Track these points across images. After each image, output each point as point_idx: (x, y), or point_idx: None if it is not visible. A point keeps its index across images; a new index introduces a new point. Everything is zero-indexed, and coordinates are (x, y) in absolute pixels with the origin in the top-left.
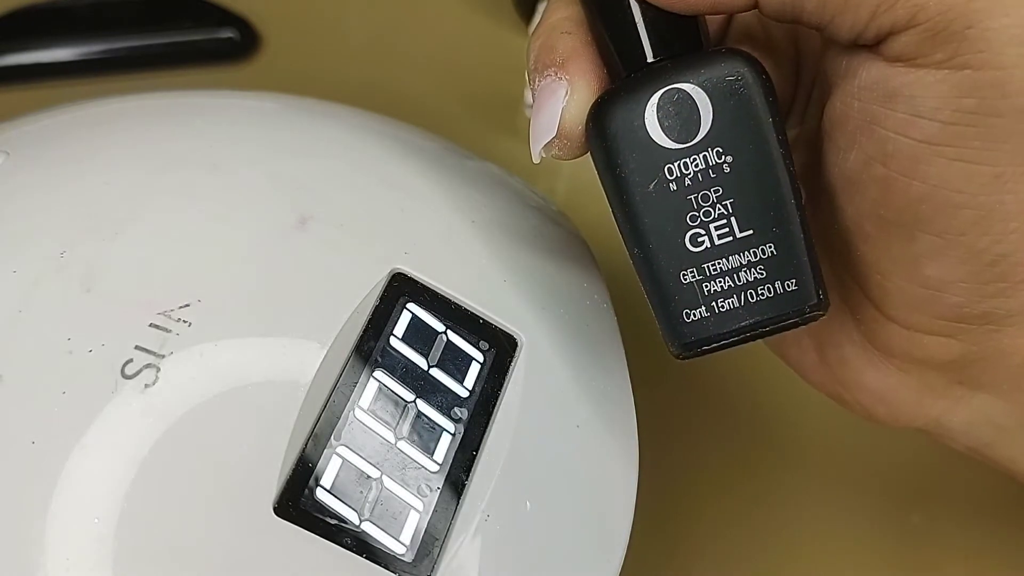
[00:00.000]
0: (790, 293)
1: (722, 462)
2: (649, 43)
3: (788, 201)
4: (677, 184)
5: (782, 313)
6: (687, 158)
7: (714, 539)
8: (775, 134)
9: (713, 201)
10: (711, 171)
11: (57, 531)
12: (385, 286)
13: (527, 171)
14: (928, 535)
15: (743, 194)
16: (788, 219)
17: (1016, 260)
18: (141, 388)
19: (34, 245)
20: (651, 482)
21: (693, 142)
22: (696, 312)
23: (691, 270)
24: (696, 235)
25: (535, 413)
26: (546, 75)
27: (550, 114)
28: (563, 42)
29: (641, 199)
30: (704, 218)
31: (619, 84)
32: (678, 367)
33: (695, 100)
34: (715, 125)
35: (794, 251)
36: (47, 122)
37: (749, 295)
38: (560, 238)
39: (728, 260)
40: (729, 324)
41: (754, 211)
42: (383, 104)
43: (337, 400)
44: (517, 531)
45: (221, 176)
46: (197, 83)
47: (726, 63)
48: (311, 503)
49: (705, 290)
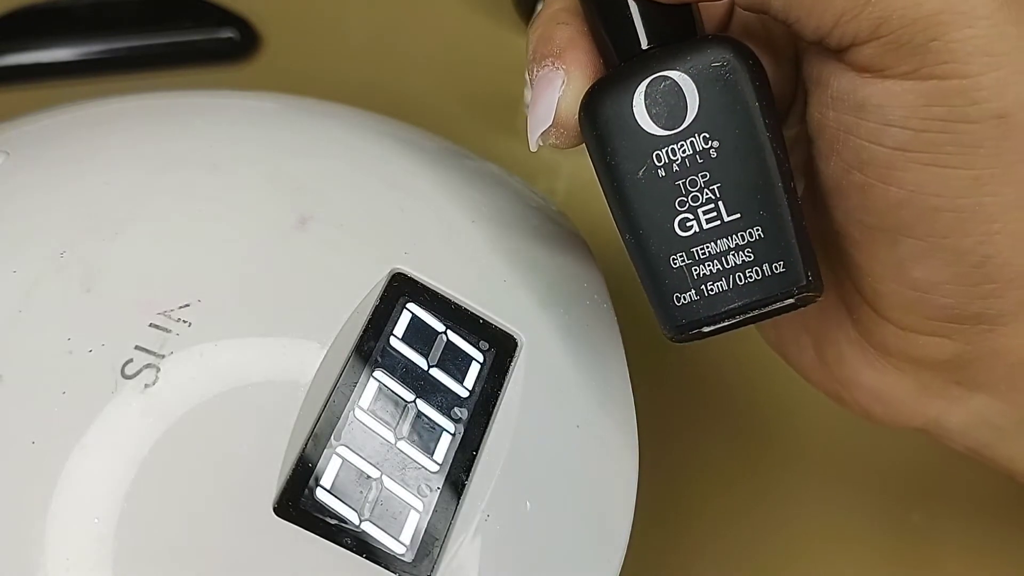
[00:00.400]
0: (778, 275)
1: (722, 461)
2: (643, 31)
3: (775, 184)
4: (665, 170)
5: (770, 295)
6: (674, 144)
7: (714, 538)
8: (762, 119)
9: (701, 186)
10: (698, 156)
11: (57, 531)
12: (385, 286)
13: (527, 171)
14: (928, 533)
15: (730, 178)
16: (775, 202)
17: (1002, 261)
18: (141, 388)
19: (34, 245)
20: (651, 481)
21: (680, 128)
22: (686, 295)
23: (680, 254)
24: (685, 220)
25: (535, 413)
26: (543, 65)
27: (547, 103)
28: (560, 32)
29: (631, 185)
30: (692, 203)
31: (609, 73)
32: (678, 366)
33: (681, 87)
34: (701, 111)
35: (782, 234)
36: (47, 122)
37: (737, 278)
38: (560, 238)
39: (716, 244)
40: (718, 307)
41: (741, 195)
42: (383, 104)
43: (337, 400)
44: (517, 531)
45: (221, 176)
46: (197, 83)
47: (712, 49)
48: (311, 503)
49: (694, 273)
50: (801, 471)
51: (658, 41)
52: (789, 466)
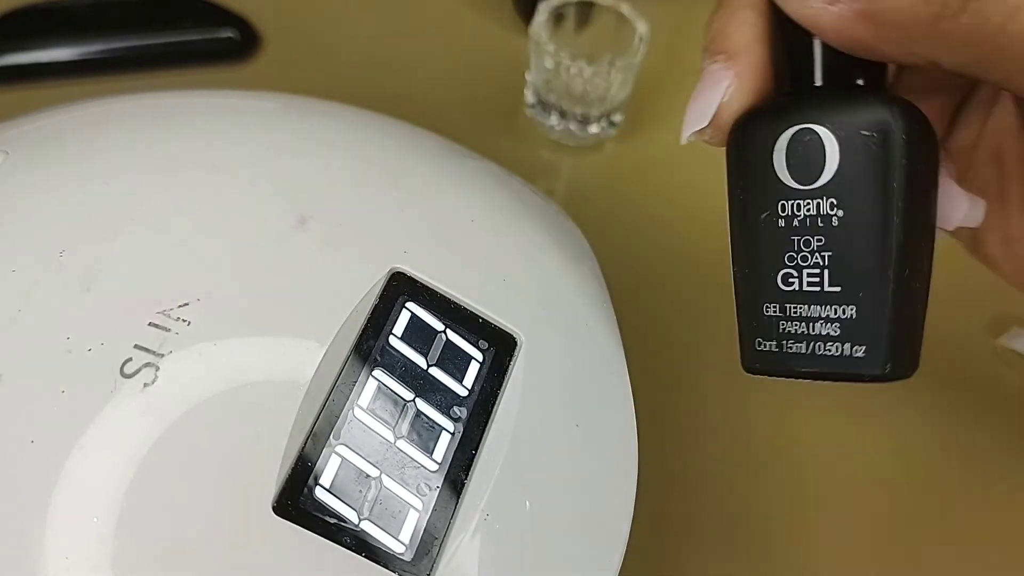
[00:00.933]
0: (856, 359)
1: (722, 461)
2: (819, 65)
3: (886, 272)
4: (786, 222)
5: (843, 373)
6: (801, 200)
7: (714, 538)
8: (900, 201)
9: (813, 248)
10: (819, 220)
11: (56, 530)
12: (384, 285)
13: (527, 171)
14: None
15: (842, 252)
16: (879, 289)
17: None
18: (140, 387)
19: (34, 245)
20: (651, 482)
21: (811, 186)
22: (767, 344)
23: (775, 305)
24: (788, 275)
25: (534, 412)
26: (715, 60)
27: (708, 102)
28: (740, 32)
29: (751, 225)
30: (801, 262)
31: (767, 105)
32: (678, 366)
33: (825, 145)
34: (837, 176)
35: (874, 321)
36: (47, 122)
37: (817, 347)
38: (560, 238)
39: (809, 308)
40: (791, 365)
41: (848, 271)
42: (383, 104)
43: (336, 399)
44: (516, 530)
45: (221, 176)
46: (197, 83)
47: (872, 114)
48: (310, 502)
49: (781, 327)
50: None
51: (831, 81)
52: (789, 466)
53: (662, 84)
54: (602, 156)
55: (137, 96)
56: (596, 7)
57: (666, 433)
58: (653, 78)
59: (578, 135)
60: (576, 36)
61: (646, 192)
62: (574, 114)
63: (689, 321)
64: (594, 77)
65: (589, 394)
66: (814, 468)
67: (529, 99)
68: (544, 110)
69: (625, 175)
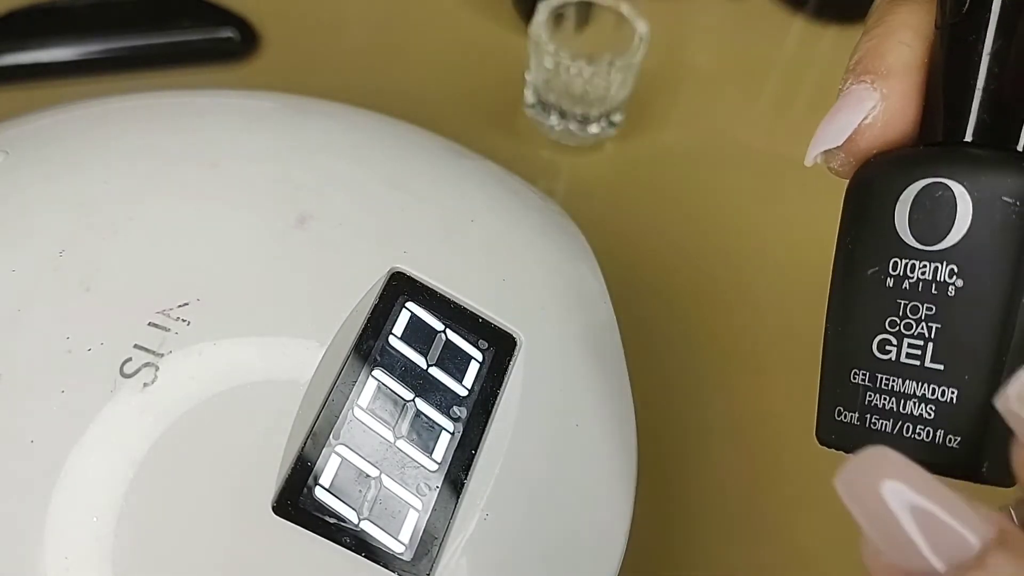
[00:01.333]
0: (948, 449)
1: (722, 461)
2: (975, 116)
3: (999, 357)
4: (895, 282)
5: (931, 463)
6: (917, 261)
7: (714, 538)
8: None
9: (920, 317)
10: (934, 286)
11: (56, 530)
12: (384, 285)
13: (527, 171)
14: None
15: (954, 326)
16: (988, 375)
17: None
18: (140, 387)
19: (34, 244)
20: (651, 482)
21: (931, 247)
22: (848, 415)
23: (864, 373)
24: (886, 341)
25: (534, 412)
26: (862, 80)
27: (845, 123)
28: (896, 53)
29: (856, 277)
30: (904, 329)
31: (901, 151)
32: (678, 366)
33: (957, 205)
34: (964, 241)
35: (975, 410)
36: (47, 122)
37: (906, 428)
38: (560, 238)
39: (904, 383)
40: (872, 443)
41: (956, 348)
42: (383, 104)
43: (336, 399)
44: (516, 530)
45: (220, 175)
46: (197, 83)
47: (1020, 181)
48: (310, 502)
49: (867, 399)
50: (802, 472)
51: (982, 137)
52: (790, 466)
53: (662, 84)
54: (602, 156)
55: (137, 96)
56: (596, 7)
57: (666, 432)
58: (653, 78)
59: (578, 135)
60: (576, 36)
61: (646, 192)
62: (574, 114)
63: (689, 321)
64: (594, 77)
65: (589, 394)
66: (814, 468)
67: (529, 99)
68: (544, 110)
69: (625, 175)
